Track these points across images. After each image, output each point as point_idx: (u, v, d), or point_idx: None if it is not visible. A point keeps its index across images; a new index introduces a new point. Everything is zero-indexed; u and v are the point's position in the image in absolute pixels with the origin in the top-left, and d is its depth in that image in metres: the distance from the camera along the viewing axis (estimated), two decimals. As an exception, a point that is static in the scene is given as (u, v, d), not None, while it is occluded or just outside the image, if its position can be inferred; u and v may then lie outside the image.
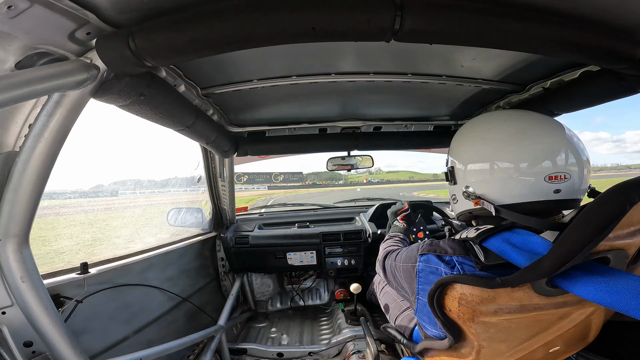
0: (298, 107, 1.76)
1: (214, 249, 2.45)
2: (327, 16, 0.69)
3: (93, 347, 1.20)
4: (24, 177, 0.78)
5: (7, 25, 0.61)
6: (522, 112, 0.95)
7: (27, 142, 0.77)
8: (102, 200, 33.49)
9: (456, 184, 0.98)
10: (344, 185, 66.09)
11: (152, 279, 1.61)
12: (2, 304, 0.85)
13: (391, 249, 1.27)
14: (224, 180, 2.25)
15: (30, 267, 0.85)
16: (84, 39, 0.74)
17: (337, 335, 2.09)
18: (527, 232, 0.76)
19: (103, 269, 1.30)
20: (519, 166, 0.83)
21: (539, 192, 0.82)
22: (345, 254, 2.38)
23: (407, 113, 1.99)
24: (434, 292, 0.83)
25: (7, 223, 0.79)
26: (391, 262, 1.13)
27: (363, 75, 1.36)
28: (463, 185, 0.94)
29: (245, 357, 2.06)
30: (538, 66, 1.26)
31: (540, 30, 0.78)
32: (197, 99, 1.36)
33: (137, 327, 1.46)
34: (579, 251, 0.60)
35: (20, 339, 0.88)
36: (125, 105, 0.90)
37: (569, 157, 0.83)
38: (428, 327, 0.99)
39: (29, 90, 0.63)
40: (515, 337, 0.83)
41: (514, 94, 1.53)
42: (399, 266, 1.05)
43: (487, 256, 0.77)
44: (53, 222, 12.25)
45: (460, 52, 1.18)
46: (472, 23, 0.74)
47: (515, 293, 0.74)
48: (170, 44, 0.73)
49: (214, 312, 2.13)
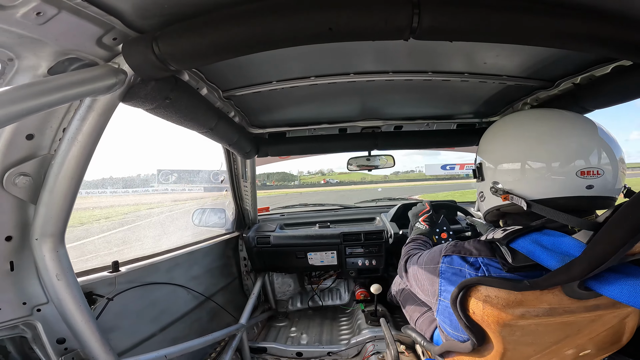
0: (317, 107, 1.76)
1: (236, 248, 2.48)
2: (344, 16, 0.68)
3: (121, 344, 1.24)
4: (59, 179, 0.81)
5: (38, 32, 0.64)
6: (554, 110, 0.93)
7: (61, 146, 0.80)
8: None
9: (484, 181, 0.96)
10: (298, 186, 63.50)
11: (178, 278, 1.65)
12: (38, 302, 0.88)
13: (413, 252, 1.25)
14: (246, 181, 2.28)
15: (65, 266, 0.88)
16: (111, 44, 0.77)
17: (356, 336, 2.08)
18: (558, 232, 0.74)
19: (132, 267, 1.34)
20: (550, 164, 0.81)
21: (571, 188, 0.79)
22: (366, 255, 2.36)
23: (428, 112, 1.95)
24: (457, 293, 0.81)
25: (43, 223, 0.83)
26: (413, 265, 1.11)
27: (382, 75, 1.34)
28: (491, 182, 0.92)
29: (265, 355, 2.08)
30: (567, 61, 1.21)
31: (567, 25, 0.74)
32: (219, 101, 1.38)
33: (163, 325, 1.50)
34: (613, 253, 0.57)
35: (53, 335, 0.91)
36: (151, 108, 0.93)
37: (602, 155, 0.80)
38: (449, 329, 0.96)
39: (62, 95, 0.66)
40: (543, 340, 0.81)
41: (542, 90, 1.47)
42: (421, 268, 1.03)
43: (514, 257, 0.75)
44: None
45: (483, 49, 1.15)
46: (493, 19, 0.71)
47: (545, 296, 0.72)
48: (191, 47, 0.75)
49: (235, 311, 2.16)
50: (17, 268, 0.84)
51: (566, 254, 0.67)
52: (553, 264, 0.67)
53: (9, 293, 0.83)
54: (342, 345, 2.06)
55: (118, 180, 39.28)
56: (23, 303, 0.85)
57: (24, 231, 0.84)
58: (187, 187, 28.92)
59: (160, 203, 21.34)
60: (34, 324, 0.88)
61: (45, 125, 0.79)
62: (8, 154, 0.76)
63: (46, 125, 0.79)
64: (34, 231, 0.83)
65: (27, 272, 0.86)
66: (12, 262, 0.83)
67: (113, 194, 29.32)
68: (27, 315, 0.86)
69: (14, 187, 0.78)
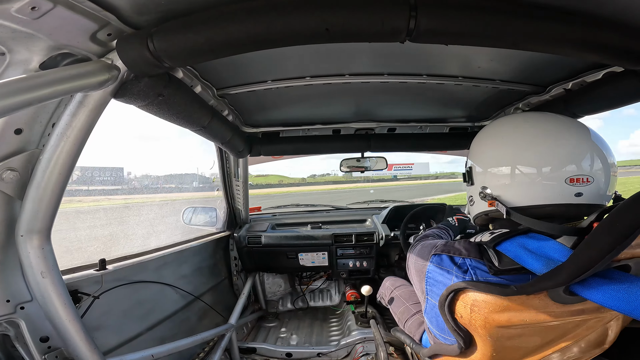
0: (312, 107, 1.76)
1: (227, 248, 2.47)
2: (341, 17, 0.69)
3: (107, 343, 1.22)
4: (47, 174, 0.79)
5: (31, 26, 0.63)
6: (545, 114, 0.93)
7: (50, 141, 0.78)
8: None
9: (473, 185, 0.96)
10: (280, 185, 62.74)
11: (167, 277, 1.64)
12: (22, 299, 0.86)
13: (419, 242, 1.25)
14: (238, 180, 2.27)
15: (50, 263, 0.86)
16: (105, 40, 0.76)
17: (346, 337, 2.08)
18: (544, 236, 0.75)
19: (120, 265, 1.32)
20: (540, 169, 0.80)
21: (559, 195, 0.79)
22: (357, 256, 2.37)
23: (422, 114, 1.96)
24: (445, 297, 0.81)
25: (30, 219, 0.81)
26: (409, 254, 1.11)
27: (377, 76, 1.35)
28: (480, 186, 0.92)
29: (255, 356, 2.07)
30: (559, 67, 1.23)
31: (561, 31, 0.75)
32: (212, 99, 1.37)
33: (150, 324, 1.48)
34: (600, 259, 0.58)
35: (37, 334, 0.89)
36: (144, 105, 0.92)
37: (594, 161, 0.80)
38: (435, 330, 0.97)
39: (53, 90, 0.65)
40: (529, 344, 0.82)
41: (534, 95, 1.49)
42: (413, 260, 1.03)
43: (500, 261, 0.75)
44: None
45: (477, 53, 1.16)
46: (489, 23, 0.72)
47: (530, 300, 0.73)
48: (186, 45, 0.74)
49: (225, 311, 2.15)
50: (1, 265, 0.82)
51: (551, 259, 0.68)
52: (538, 268, 0.68)
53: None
54: (332, 346, 2.06)
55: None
56: (6, 301, 0.83)
57: (9, 227, 0.82)
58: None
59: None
60: (17, 322, 0.86)
61: (35, 119, 0.78)
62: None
63: (35, 119, 0.78)
64: (20, 227, 0.81)
65: (11, 269, 0.84)
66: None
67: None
68: (10, 313, 0.84)
69: (1, 182, 0.76)
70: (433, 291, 0.89)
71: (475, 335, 0.83)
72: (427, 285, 0.92)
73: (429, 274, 0.91)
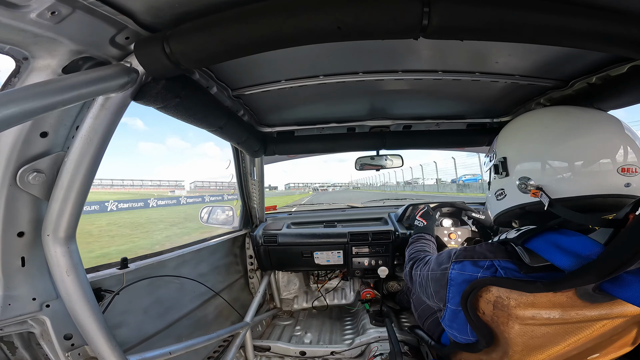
0: (326, 106, 1.75)
1: (243, 246, 2.49)
2: (353, 15, 0.67)
3: (127, 341, 1.25)
4: (71, 176, 0.81)
5: (52, 31, 0.65)
6: (585, 108, 0.92)
7: (74, 144, 0.80)
8: None
9: (508, 176, 0.93)
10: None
11: (185, 274, 1.66)
12: (47, 297, 0.89)
13: (417, 256, 1.23)
14: (254, 180, 2.29)
15: (75, 262, 0.88)
16: (123, 43, 0.77)
17: (361, 336, 2.07)
18: (575, 232, 0.72)
19: (141, 264, 1.35)
20: (594, 158, 0.78)
21: (610, 185, 0.76)
22: (372, 255, 2.34)
23: (438, 111, 1.92)
24: (468, 293, 0.80)
25: (56, 220, 0.83)
26: (420, 271, 1.10)
27: (391, 74, 1.33)
28: (517, 177, 0.89)
29: (269, 354, 2.09)
30: (581, 61, 1.18)
31: (581, 24, 0.72)
32: (228, 100, 1.38)
33: (169, 322, 1.51)
34: (634, 256, 0.56)
35: (61, 331, 0.91)
36: (162, 107, 0.93)
37: (638, 152, 0.79)
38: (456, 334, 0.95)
39: (77, 94, 0.66)
40: (552, 343, 0.79)
41: (556, 90, 1.44)
42: (429, 275, 1.01)
43: (531, 258, 0.73)
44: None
45: (495, 48, 1.12)
46: (506, 18, 0.69)
47: (557, 298, 0.71)
48: (202, 46, 0.75)
49: (240, 309, 2.17)
50: (28, 264, 0.85)
51: (581, 256, 0.65)
52: (567, 265, 0.66)
53: (20, 289, 0.84)
54: (346, 345, 2.06)
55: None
56: (33, 299, 0.86)
57: (36, 227, 0.84)
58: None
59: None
60: (43, 319, 0.88)
61: (59, 123, 0.80)
62: (23, 151, 0.76)
63: (60, 123, 0.80)
64: (46, 227, 0.84)
65: (37, 268, 0.87)
66: (23, 257, 0.84)
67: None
68: (36, 311, 0.87)
69: (28, 184, 0.79)
70: (456, 297, 0.87)
71: (497, 333, 0.81)
72: (449, 292, 0.90)
73: (452, 281, 0.89)
